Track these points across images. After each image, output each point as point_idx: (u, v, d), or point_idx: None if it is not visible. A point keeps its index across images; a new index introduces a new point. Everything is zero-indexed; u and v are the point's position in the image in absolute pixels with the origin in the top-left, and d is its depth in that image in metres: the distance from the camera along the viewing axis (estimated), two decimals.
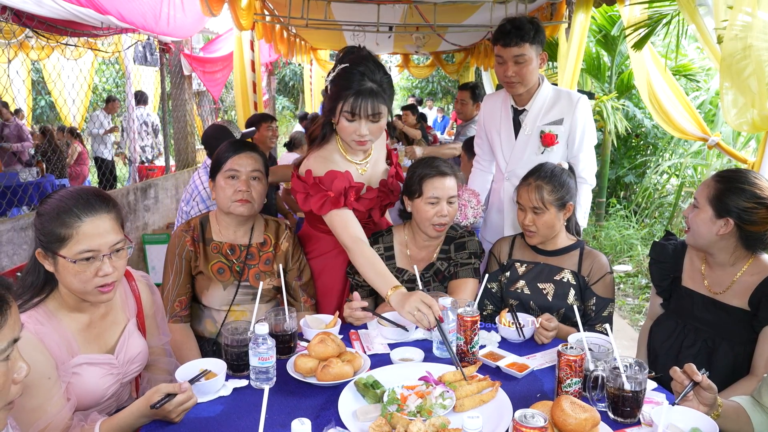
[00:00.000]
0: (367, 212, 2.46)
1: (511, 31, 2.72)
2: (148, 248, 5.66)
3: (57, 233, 1.60)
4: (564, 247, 2.39)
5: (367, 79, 2.14)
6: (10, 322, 1.15)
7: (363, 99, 2.13)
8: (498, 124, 3.03)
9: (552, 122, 2.88)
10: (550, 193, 2.29)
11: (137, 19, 4.81)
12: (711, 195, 2.00)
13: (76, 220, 1.61)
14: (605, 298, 2.31)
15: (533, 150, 2.92)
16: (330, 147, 2.38)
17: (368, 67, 2.17)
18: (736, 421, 1.66)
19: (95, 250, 1.62)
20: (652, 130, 7.80)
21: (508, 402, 1.66)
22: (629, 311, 5.35)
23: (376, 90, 2.15)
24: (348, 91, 2.14)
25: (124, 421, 1.59)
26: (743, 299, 2.03)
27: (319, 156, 2.36)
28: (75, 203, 1.62)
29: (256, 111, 6.49)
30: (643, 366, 1.63)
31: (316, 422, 1.56)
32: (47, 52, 8.76)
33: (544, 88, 2.92)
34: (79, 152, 9.38)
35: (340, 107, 2.17)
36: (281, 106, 21.22)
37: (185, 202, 3.54)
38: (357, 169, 2.40)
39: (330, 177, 2.29)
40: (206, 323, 2.37)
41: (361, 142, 2.24)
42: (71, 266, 1.61)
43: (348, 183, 2.29)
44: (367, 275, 2.15)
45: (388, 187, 2.51)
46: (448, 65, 13.23)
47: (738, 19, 2.64)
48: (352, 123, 2.18)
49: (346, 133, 2.22)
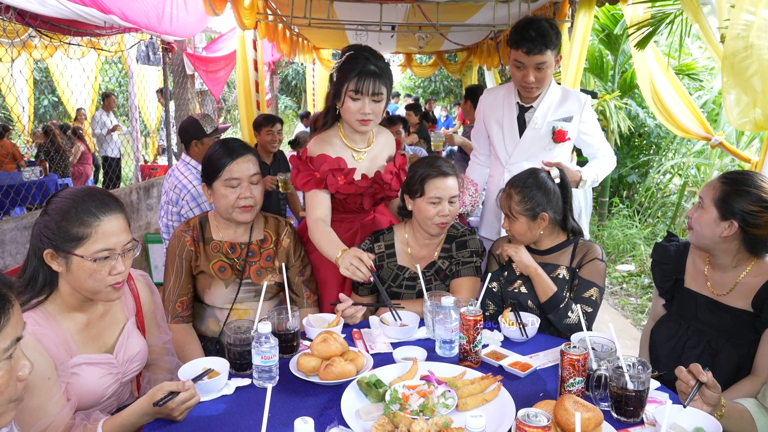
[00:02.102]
0: (358, 198, 2.55)
1: (536, 39, 2.64)
2: (151, 247, 5.67)
3: (74, 233, 1.61)
4: (556, 245, 2.38)
5: (370, 62, 2.35)
6: (12, 321, 1.16)
7: (366, 78, 2.32)
8: (500, 117, 3.01)
9: (562, 119, 2.89)
10: (519, 203, 2.30)
11: (140, 19, 4.81)
12: (716, 196, 1.99)
13: (95, 219, 1.62)
14: (589, 280, 2.28)
15: (542, 145, 2.92)
16: (331, 132, 2.53)
17: (372, 53, 2.40)
18: (740, 423, 1.65)
19: (112, 249, 1.65)
20: (655, 129, 7.78)
21: (511, 401, 1.66)
22: (632, 311, 5.35)
23: (378, 72, 2.34)
24: (353, 72, 2.33)
25: (127, 420, 1.60)
26: (746, 301, 2.02)
27: (319, 138, 2.53)
28: (92, 203, 1.64)
29: (259, 110, 6.49)
30: (646, 365, 1.63)
31: (318, 421, 1.56)
32: (50, 52, 8.77)
33: (552, 85, 2.92)
34: (82, 152, 9.40)
35: (345, 87, 2.35)
36: (284, 105, 21.22)
37: (173, 203, 3.48)
38: (354, 155, 2.52)
39: (320, 159, 2.45)
40: (209, 322, 2.37)
41: (364, 121, 2.39)
42: (88, 265, 1.62)
43: (336, 166, 2.44)
44: (322, 247, 2.35)
45: (383, 180, 2.54)
46: (450, 64, 13.22)
47: (741, 17, 2.63)
48: (356, 102, 2.35)
49: (350, 113, 2.38)
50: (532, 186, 2.31)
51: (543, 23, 2.68)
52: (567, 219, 2.38)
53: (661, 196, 7.98)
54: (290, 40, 8.56)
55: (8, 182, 5.93)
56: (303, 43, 10.22)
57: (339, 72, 2.41)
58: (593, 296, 2.26)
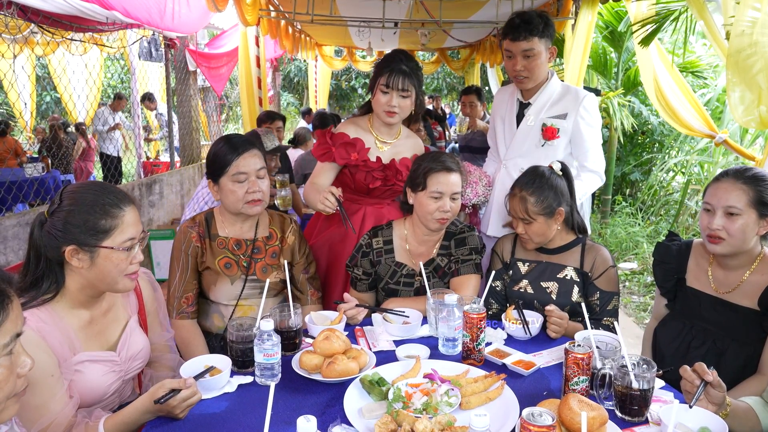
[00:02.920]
0: (368, 177, 2.69)
1: (519, 25, 2.73)
2: (153, 244, 5.65)
3: (101, 225, 1.65)
4: (565, 244, 2.37)
5: (403, 62, 2.57)
6: (12, 317, 1.15)
7: (396, 74, 2.54)
8: (504, 113, 3.06)
9: (555, 116, 2.87)
10: (535, 204, 2.28)
11: (142, 15, 4.80)
12: (752, 198, 1.96)
13: (119, 210, 1.69)
14: (609, 291, 2.29)
15: (534, 142, 2.91)
16: (363, 118, 2.79)
17: (406, 55, 2.64)
18: (745, 422, 1.64)
19: (135, 237, 1.72)
20: (659, 127, 7.76)
21: (515, 400, 1.65)
22: (634, 309, 5.34)
23: (408, 72, 2.56)
24: (386, 69, 2.56)
25: (128, 418, 1.59)
26: (753, 299, 2.01)
27: (350, 120, 2.82)
28: (112, 195, 1.70)
29: (261, 107, 6.48)
30: (651, 364, 1.61)
31: (321, 419, 1.55)
32: (52, 48, 8.76)
33: (552, 83, 2.91)
34: (83, 148, 9.40)
35: (378, 82, 2.59)
36: (286, 102, 21.21)
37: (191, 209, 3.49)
38: (376, 142, 2.73)
39: (340, 137, 2.68)
40: (214, 318, 2.37)
41: (390, 113, 2.59)
42: (116, 255, 1.67)
43: (350, 142, 2.67)
44: (308, 197, 2.67)
45: (396, 168, 2.69)
46: (453, 61, 13.19)
47: (746, 14, 2.61)
48: (386, 95, 2.57)
49: (379, 104, 2.61)
50: (543, 185, 2.30)
51: (530, 12, 2.77)
52: (574, 212, 2.38)
53: (664, 194, 7.96)
54: (293, 37, 8.54)
55: (10, 178, 5.95)
56: (305, 39, 10.19)
57: (376, 68, 2.65)
58: (615, 305, 2.30)
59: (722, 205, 1.99)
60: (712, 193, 2.03)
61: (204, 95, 9.88)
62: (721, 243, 2.01)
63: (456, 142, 7.76)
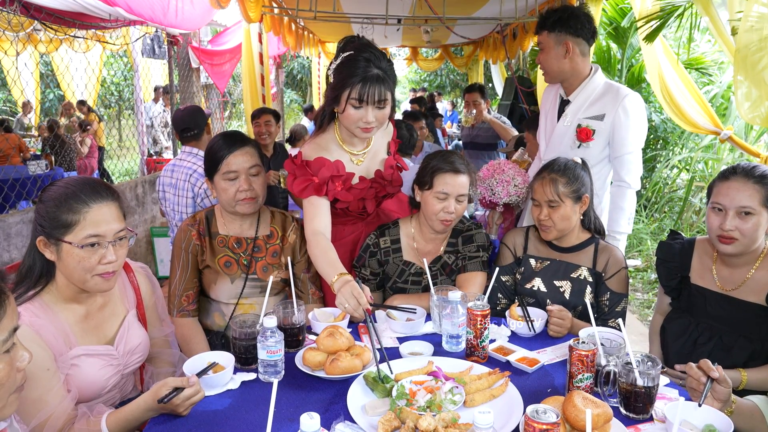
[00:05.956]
0: (360, 203, 2.43)
1: (539, 20, 2.78)
2: (156, 241, 5.66)
3: (63, 219, 1.61)
4: (579, 243, 2.36)
5: (373, 65, 2.11)
6: (8, 312, 1.16)
7: (370, 85, 2.10)
8: (547, 109, 3.02)
9: (592, 116, 2.75)
10: (566, 185, 2.26)
11: (145, 11, 4.79)
12: (765, 197, 1.94)
13: (83, 205, 1.62)
14: (619, 293, 2.28)
15: (569, 143, 2.83)
16: (327, 136, 2.35)
17: (373, 53, 2.15)
18: (750, 420, 1.64)
19: (101, 235, 1.64)
20: (662, 124, 7.72)
21: (519, 397, 1.65)
22: (638, 306, 5.32)
23: (382, 76, 2.12)
24: (354, 78, 2.10)
25: (131, 414, 1.59)
26: (759, 295, 2.00)
27: (313, 142, 2.35)
28: (81, 189, 1.64)
29: (264, 104, 6.48)
30: (655, 361, 1.61)
31: (324, 416, 1.55)
32: (55, 45, 8.77)
33: (594, 79, 2.80)
34: (89, 145, 9.41)
35: (347, 94, 2.12)
36: (289, 99, 21.20)
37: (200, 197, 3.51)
38: (352, 159, 2.36)
39: (318, 163, 2.28)
40: (214, 316, 2.36)
41: (366, 129, 2.19)
42: (76, 252, 1.62)
43: (335, 172, 2.28)
44: (319, 265, 2.13)
45: (384, 178, 2.43)
46: (456, 58, 13.18)
47: (753, 9, 2.59)
48: (359, 110, 2.14)
49: (351, 120, 2.17)
50: (573, 167, 2.30)
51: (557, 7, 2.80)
52: (590, 209, 2.37)
53: (668, 191, 7.92)
54: (296, 34, 8.52)
55: (14, 176, 5.94)
56: (308, 36, 10.17)
57: (338, 74, 2.16)
58: (624, 307, 2.29)
59: (735, 205, 1.95)
60: (723, 192, 1.99)
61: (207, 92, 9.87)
62: (734, 243, 1.99)
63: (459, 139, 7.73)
